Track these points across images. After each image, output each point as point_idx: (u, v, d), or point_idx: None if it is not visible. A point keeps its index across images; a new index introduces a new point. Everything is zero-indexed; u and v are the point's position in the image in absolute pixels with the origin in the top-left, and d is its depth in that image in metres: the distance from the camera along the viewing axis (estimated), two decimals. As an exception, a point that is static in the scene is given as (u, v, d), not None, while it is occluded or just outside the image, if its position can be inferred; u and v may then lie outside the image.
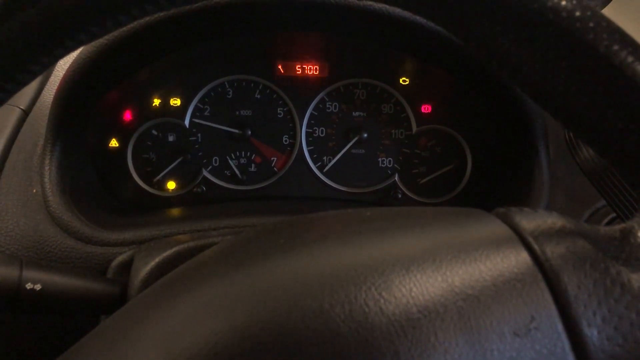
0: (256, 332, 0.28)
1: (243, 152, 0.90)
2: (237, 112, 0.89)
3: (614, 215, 0.75)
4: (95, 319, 0.60)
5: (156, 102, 0.87)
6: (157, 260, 0.57)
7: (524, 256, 0.30)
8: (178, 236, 0.64)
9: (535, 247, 0.30)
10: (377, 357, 0.27)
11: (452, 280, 0.29)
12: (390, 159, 0.91)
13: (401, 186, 0.91)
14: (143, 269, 0.56)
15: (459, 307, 0.28)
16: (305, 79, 0.89)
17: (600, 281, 0.29)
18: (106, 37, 0.67)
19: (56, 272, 0.53)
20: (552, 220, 0.32)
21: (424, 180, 0.91)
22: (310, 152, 0.90)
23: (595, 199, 0.75)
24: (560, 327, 0.28)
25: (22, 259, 0.51)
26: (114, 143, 0.86)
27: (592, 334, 0.27)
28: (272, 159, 0.91)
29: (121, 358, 0.31)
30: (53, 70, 0.83)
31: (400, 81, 0.89)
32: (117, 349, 0.32)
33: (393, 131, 0.90)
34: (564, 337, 0.27)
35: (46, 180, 0.69)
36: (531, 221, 0.32)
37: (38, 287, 0.50)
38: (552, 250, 0.30)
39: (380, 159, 0.91)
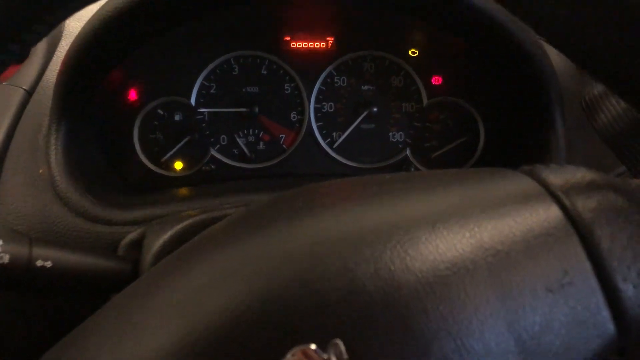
0: (280, 294, 0.27)
1: (251, 130, 0.88)
2: (244, 89, 0.87)
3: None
4: (105, 297, 0.59)
5: (161, 80, 0.85)
6: (169, 233, 0.55)
7: (554, 211, 0.29)
8: (187, 212, 0.63)
9: (566, 201, 0.29)
10: (405, 315, 0.25)
11: (480, 236, 0.28)
12: (401, 133, 0.89)
13: (413, 160, 0.89)
14: (155, 243, 0.55)
15: (489, 263, 0.27)
16: (312, 53, 0.87)
17: (634, 234, 0.28)
18: (108, 10, 0.66)
19: (66, 249, 0.51)
20: (581, 174, 0.31)
21: (436, 153, 0.89)
22: (319, 128, 0.89)
23: (615, 165, 0.73)
24: (594, 282, 0.27)
25: (31, 236, 0.50)
26: (119, 124, 0.84)
27: (627, 288, 0.26)
28: (280, 136, 0.89)
29: (139, 328, 0.30)
30: (56, 50, 0.81)
31: (410, 53, 0.87)
32: (134, 319, 0.31)
33: (403, 104, 0.88)
34: (598, 292, 0.26)
35: (52, 160, 0.68)
36: (559, 176, 0.31)
37: (49, 264, 0.49)
38: (583, 204, 0.29)
39: (391, 134, 0.89)
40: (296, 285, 0.27)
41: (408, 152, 0.89)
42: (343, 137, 0.89)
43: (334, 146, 0.89)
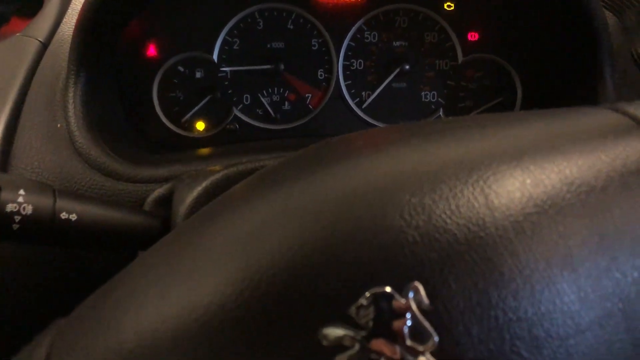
0: (351, 231, 0.24)
1: (276, 89, 0.84)
2: (269, 45, 0.83)
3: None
4: (132, 253, 0.56)
5: (181, 35, 0.81)
6: (204, 185, 0.51)
7: None
8: (217, 166, 0.59)
9: None
10: (492, 257, 0.23)
11: (571, 171, 0.25)
12: (434, 92, 0.85)
13: (447, 121, 0.85)
14: (189, 196, 0.51)
15: (583, 200, 0.24)
16: (341, 6, 0.82)
17: None
18: None
19: (92, 202, 0.48)
20: None
21: (471, 114, 0.85)
22: (347, 87, 0.84)
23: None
24: None
25: (55, 188, 0.46)
26: (138, 81, 0.80)
27: None
28: (306, 95, 0.84)
29: (193, 269, 0.26)
30: (71, 1, 0.77)
31: (445, 6, 0.82)
32: (185, 261, 0.27)
33: (437, 62, 0.84)
34: None
35: (70, 114, 0.64)
36: None
37: (74, 217, 0.45)
38: None
39: (423, 93, 0.85)
40: (369, 222, 0.24)
41: (441, 112, 0.85)
42: (373, 96, 0.84)
43: (363, 106, 0.85)
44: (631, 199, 0.24)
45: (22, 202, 0.42)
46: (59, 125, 0.64)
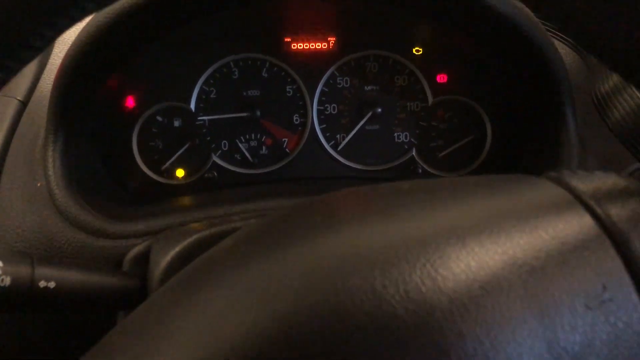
0: (303, 319, 0.25)
1: (253, 135, 0.86)
2: (245, 93, 0.85)
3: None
4: (112, 315, 0.57)
5: (159, 86, 0.83)
6: (177, 249, 0.53)
7: (587, 221, 0.27)
8: (194, 224, 0.61)
9: (599, 210, 0.27)
10: (439, 339, 0.24)
11: (513, 251, 0.26)
12: (406, 133, 0.87)
13: (419, 161, 0.87)
14: (163, 260, 0.52)
15: (524, 280, 0.25)
16: (313, 54, 0.85)
17: None
18: (104, 16, 0.63)
19: (70, 267, 0.49)
20: (612, 181, 0.30)
21: (443, 153, 0.87)
22: (322, 130, 0.87)
23: (628, 162, 0.71)
24: (635, 296, 0.25)
25: (33, 256, 0.47)
26: (117, 132, 0.82)
27: None
28: (283, 140, 0.87)
29: (155, 352, 0.28)
30: (49, 58, 0.79)
31: (414, 51, 0.85)
32: (149, 342, 0.29)
33: (408, 104, 0.86)
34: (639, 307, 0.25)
35: (50, 172, 0.65)
36: (589, 183, 0.30)
37: (52, 284, 0.47)
38: (618, 213, 0.27)
39: (396, 134, 0.87)
40: (320, 309, 0.25)
41: (414, 152, 0.87)
42: (347, 139, 0.87)
43: (339, 148, 0.87)
44: (569, 275, 0.26)
45: (0, 274, 0.44)
46: (38, 184, 0.65)
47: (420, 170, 0.87)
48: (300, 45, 0.84)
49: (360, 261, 0.27)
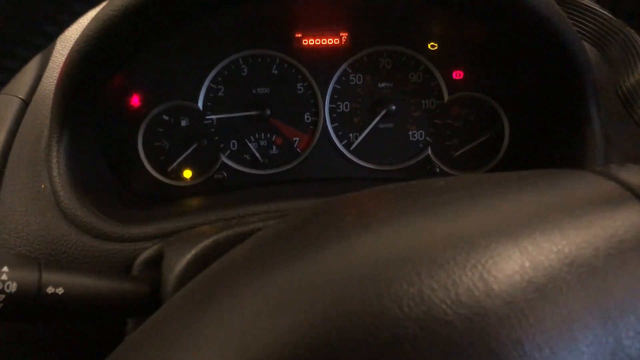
0: (345, 329, 0.23)
1: (263, 134, 0.83)
2: (254, 91, 0.82)
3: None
4: (122, 322, 0.54)
5: (165, 84, 0.80)
6: (193, 252, 0.50)
7: None
8: (207, 227, 0.58)
9: None
10: (495, 346, 0.22)
11: (569, 250, 0.24)
12: (421, 131, 0.85)
13: (435, 160, 0.85)
14: (178, 264, 0.49)
15: (584, 281, 0.23)
16: (325, 50, 0.82)
17: None
18: (109, 11, 0.61)
19: (78, 272, 0.46)
20: None
21: (459, 152, 0.85)
22: (335, 129, 0.84)
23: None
24: None
25: (40, 261, 0.44)
26: (122, 132, 0.79)
27: None
28: (294, 139, 0.84)
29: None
30: (51, 56, 0.76)
31: (429, 46, 0.82)
32: (169, 353, 0.26)
33: (423, 101, 0.84)
34: None
35: (55, 174, 0.63)
36: (637, 175, 0.28)
37: (60, 290, 0.44)
38: None
39: (410, 133, 0.85)
40: (364, 318, 0.23)
41: (429, 151, 0.84)
42: (360, 138, 0.84)
43: (351, 148, 0.84)
44: (631, 276, 0.24)
45: (5, 280, 0.41)
46: (42, 186, 0.62)
47: (437, 170, 0.84)
48: (311, 41, 0.82)
49: (403, 263, 0.24)
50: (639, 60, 0.68)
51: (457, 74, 0.83)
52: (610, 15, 0.72)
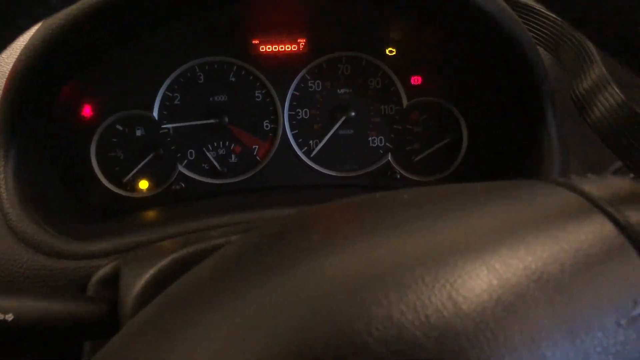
0: (315, 351, 0.22)
1: (221, 143, 0.82)
2: (211, 99, 0.81)
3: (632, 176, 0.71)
4: (78, 346, 0.52)
5: (119, 93, 0.77)
6: (151, 271, 0.48)
7: (610, 230, 0.25)
8: (166, 242, 0.56)
9: (620, 217, 0.26)
10: None
11: (535, 266, 0.24)
12: (381, 137, 0.84)
13: (395, 166, 0.85)
14: (136, 283, 0.47)
15: (551, 297, 0.23)
16: (283, 56, 0.81)
17: None
18: (57, 20, 0.58)
19: (29, 296, 0.44)
20: (628, 186, 0.28)
21: (419, 157, 0.85)
22: (294, 136, 0.83)
23: (610, 161, 0.70)
24: None
25: None
26: (74, 144, 0.76)
27: None
28: (253, 147, 0.83)
29: None
30: (-4, 64, 0.73)
31: (387, 52, 0.82)
32: None
33: (382, 107, 0.84)
34: None
35: (2, 190, 0.60)
36: (604, 188, 0.28)
37: (10, 317, 0.41)
38: (636, 216, 0.25)
39: (370, 139, 0.84)
40: (332, 342, 0.22)
41: (390, 157, 0.84)
42: (321, 145, 0.83)
43: (312, 155, 0.83)
44: (597, 291, 0.24)
45: (-51, 309, 0.38)
46: None
47: (398, 176, 0.84)
48: (269, 48, 0.80)
49: (372, 285, 0.24)
50: (592, 65, 0.69)
51: (416, 80, 0.83)
52: (562, 20, 0.74)
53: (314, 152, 0.83)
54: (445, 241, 0.26)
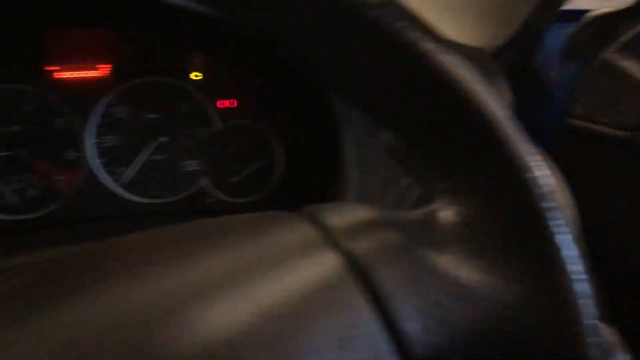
0: None
1: (19, 176, 0.76)
2: (5, 130, 0.75)
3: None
4: None
5: None
6: None
7: (334, 258, 0.26)
8: None
9: (345, 246, 0.27)
10: None
11: (260, 302, 0.24)
12: (196, 161, 0.83)
13: (212, 189, 0.84)
14: None
15: (274, 331, 0.24)
16: (84, 82, 0.77)
17: (409, 270, 0.26)
18: None
19: None
20: (356, 213, 0.29)
21: (235, 179, 0.85)
22: (103, 164, 0.79)
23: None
24: (380, 328, 0.25)
25: None
26: None
27: (412, 328, 0.25)
28: (57, 178, 0.78)
29: None
30: None
31: (192, 76, 0.81)
32: None
33: (195, 131, 0.83)
34: (386, 338, 0.25)
35: None
36: (337, 217, 0.29)
37: None
38: (361, 247, 0.27)
39: (185, 163, 0.83)
40: None
41: (205, 180, 0.83)
42: (129, 172, 0.80)
43: (121, 183, 0.80)
44: (318, 320, 0.24)
45: None
46: None
47: (214, 200, 0.83)
48: (68, 74, 0.76)
49: (129, 329, 0.23)
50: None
51: (227, 103, 0.83)
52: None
53: (124, 180, 0.80)
54: (172, 285, 0.25)
